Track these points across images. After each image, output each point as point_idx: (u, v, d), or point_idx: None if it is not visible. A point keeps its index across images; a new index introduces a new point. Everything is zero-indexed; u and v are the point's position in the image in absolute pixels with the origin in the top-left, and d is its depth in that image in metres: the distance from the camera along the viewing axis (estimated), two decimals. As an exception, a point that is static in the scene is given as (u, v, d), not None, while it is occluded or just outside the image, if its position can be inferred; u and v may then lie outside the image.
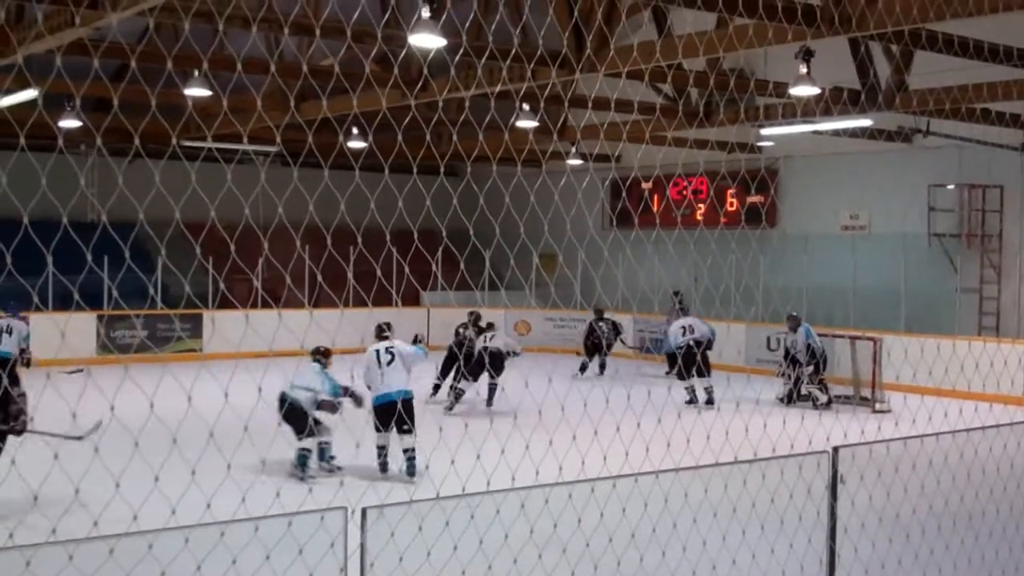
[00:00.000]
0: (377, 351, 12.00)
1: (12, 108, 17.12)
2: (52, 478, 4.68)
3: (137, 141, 5.66)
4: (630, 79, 15.67)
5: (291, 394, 11.43)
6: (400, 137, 6.00)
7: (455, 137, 8.84)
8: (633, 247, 19.28)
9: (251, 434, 4.78)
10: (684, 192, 26.83)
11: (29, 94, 16.76)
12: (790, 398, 18.03)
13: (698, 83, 17.93)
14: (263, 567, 4.28)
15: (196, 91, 16.33)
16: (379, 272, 6.18)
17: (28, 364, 17.77)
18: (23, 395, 10.40)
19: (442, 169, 5.88)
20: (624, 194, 26.77)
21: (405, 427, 11.20)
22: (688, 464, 6.05)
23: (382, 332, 12.69)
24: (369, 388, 11.91)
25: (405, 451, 11.15)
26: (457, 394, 16.61)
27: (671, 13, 16.10)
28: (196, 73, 16.02)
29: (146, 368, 15.61)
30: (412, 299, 25.11)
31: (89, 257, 4.59)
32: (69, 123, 18.72)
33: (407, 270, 10.30)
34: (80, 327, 21.13)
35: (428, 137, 7.24)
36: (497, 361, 16.57)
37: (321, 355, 12.26)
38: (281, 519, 4.18)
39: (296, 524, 4.25)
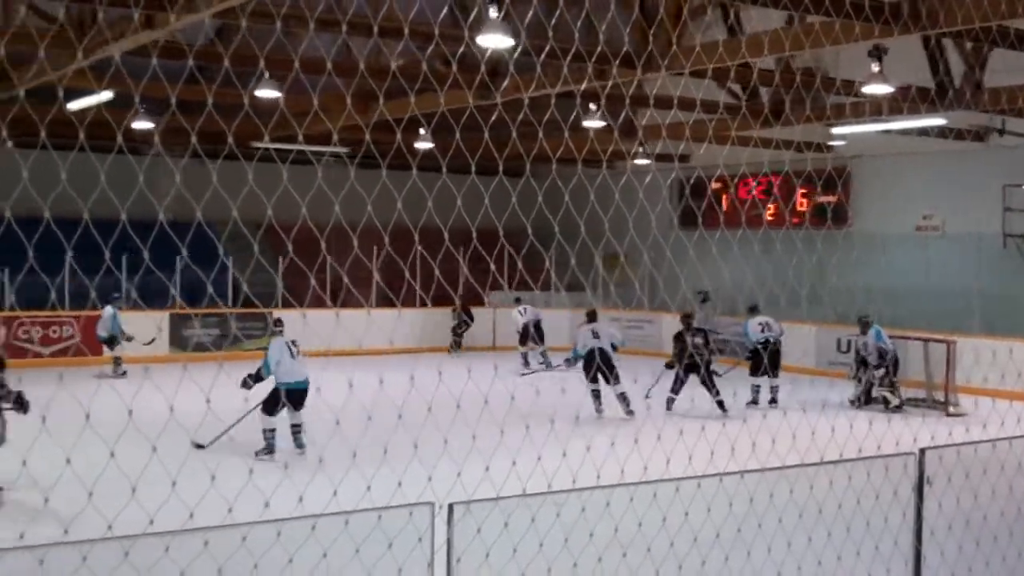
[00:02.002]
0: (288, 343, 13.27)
1: (99, 109, 17.34)
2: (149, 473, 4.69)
3: (194, 139, 5.68)
4: (698, 77, 15.55)
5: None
6: (458, 137, 5.97)
7: (514, 136, 8.78)
8: (698, 247, 19.12)
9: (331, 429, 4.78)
10: (753, 192, 26.57)
11: (105, 95, 16.99)
12: (861, 401, 17.78)
13: (767, 81, 17.75)
14: (352, 561, 4.27)
15: (263, 92, 16.43)
16: (437, 272, 6.16)
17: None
18: None
19: (501, 168, 5.86)
20: (690, 194, 26.54)
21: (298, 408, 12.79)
22: (773, 465, 5.98)
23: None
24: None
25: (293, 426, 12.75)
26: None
27: (739, 11, 15.96)
28: (266, 75, 16.10)
29: (209, 367, 15.74)
30: (475, 299, 25.13)
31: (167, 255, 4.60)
32: (142, 124, 18.96)
33: (467, 271, 10.32)
34: (147, 325, 21.38)
35: (486, 136, 7.21)
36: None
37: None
38: (370, 513, 4.17)
39: (384, 518, 4.23)
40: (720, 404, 16.15)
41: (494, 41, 12.95)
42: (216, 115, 5.73)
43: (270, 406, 12.50)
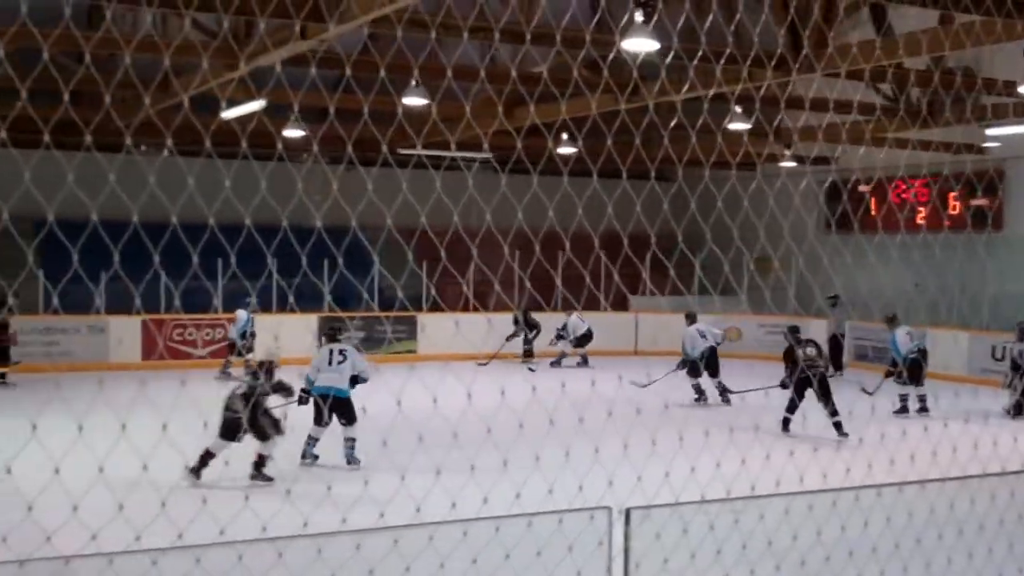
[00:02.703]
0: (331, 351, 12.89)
1: (240, 118, 17.89)
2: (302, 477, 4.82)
3: (350, 148, 5.82)
4: (848, 79, 15.26)
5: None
6: (610, 142, 5.97)
7: (666, 141, 8.75)
8: (852, 251, 18.73)
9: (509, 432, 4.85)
10: (904, 195, 25.89)
11: (257, 105, 17.44)
12: (1017, 410, 17.17)
13: (920, 82, 17.31)
14: (534, 562, 4.32)
15: (414, 100, 16.67)
16: (587, 277, 6.17)
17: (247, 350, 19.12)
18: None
19: (653, 173, 5.84)
20: (845, 197, 25.99)
21: (342, 420, 12.36)
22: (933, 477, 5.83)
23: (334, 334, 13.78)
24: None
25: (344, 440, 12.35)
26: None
27: (890, 10, 15.60)
28: (414, 83, 16.34)
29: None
30: (619, 304, 25.03)
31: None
32: (292, 132, 19.43)
33: (616, 275, 10.30)
34: (297, 328, 21.88)
35: (638, 141, 7.19)
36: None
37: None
38: (552, 516, 4.22)
39: (565, 522, 4.28)
40: (838, 427, 14.33)
41: (639, 45, 12.93)
42: (370, 123, 5.84)
43: (314, 414, 12.35)
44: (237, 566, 3.84)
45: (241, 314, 20.15)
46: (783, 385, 15.31)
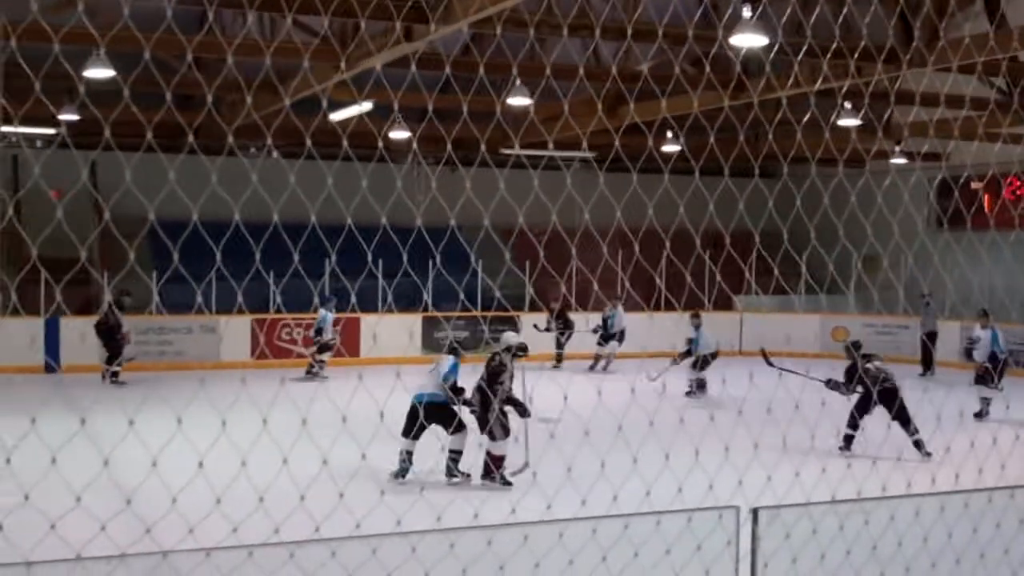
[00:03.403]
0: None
1: (360, 119, 18.11)
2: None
3: (450, 147, 5.83)
4: (960, 72, 14.90)
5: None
6: (712, 139, 5.90)
7: (771, 137, 8.61)
8: (964, 249, 18.23)
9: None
10: (1020, 191, 25.18)
11: (363, 107, 17.66)
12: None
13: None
14: (662, 560, 4.28)
15: (517, 100, 16.70)
16: (688, 276, 6.10)
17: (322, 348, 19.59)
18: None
19: (757, 171, 5.75)
20: (957, 194, 25.40)
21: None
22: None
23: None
24: None
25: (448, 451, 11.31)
26: None
27: (1005, 1, 15.21)
28: (517, 82, 16.36)
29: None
30: (723, 303, 24.73)
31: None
32: (399, 134, 19.60)
33: (719, 275, 10.16)
34: (401, 328, 22.04)
35: (742, 137, 7.10)
36: None
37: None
38: (680, 515, 4.18)
39: (694, 520, 4.24)
40: (918, 445, 12.75)
41: (748, 40, 12.80)
42: (470, 123, 5.85)
43: (404, 424, 11.37)
44: (330, 560, 3.89)
45: (322, 312, 19.99)
46: (830, 383, 13.30)
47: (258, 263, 4.62)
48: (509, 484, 10.99)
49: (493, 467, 11.19)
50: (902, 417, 12.82)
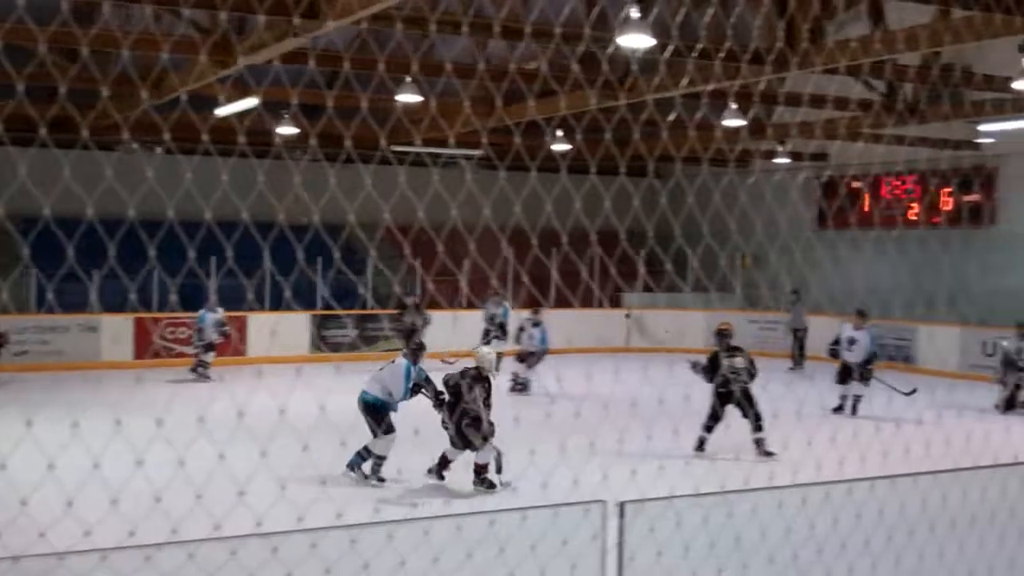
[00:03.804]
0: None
1: (237, 115, 17.88)
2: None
3: (348, 143, 5.82)
4: (844, 74, 15.30)
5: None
6: (580, 138, 6.01)
7: (636, 136, 8.71)
8: (840, 248, 18.76)
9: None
10: (895, 191, 25.92)
11: (249, 102, 17.43)
12: (1007, 405, 17.27)
13: (911, 78, 17.35)
14: (528, 557, 4.32)
15: (407, 96, 16.66)
16: (585, 273, 6.17)
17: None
18: None
19: (623, 170, 5.86)
20: (822, 193, 26.02)
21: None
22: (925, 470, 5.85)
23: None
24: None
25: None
26: None
27: (888, 6, 15.63)
28: (407, 79, 16.34)
29: (357, 366, 16.02)
30: (610, 300, 25.00)
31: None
32: (285, 129, 19.39)
33: (613, 270, 10.28)
34: (294, 326, 21.85)
35: (608, 137, 7.20)
36: None
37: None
38: (546, 510, 4.23)
39: (560, 516, 4.28)
40: (759, 443, 12.48)
41: (635, 41, 12.93)
42: (336, 119, 5.82)
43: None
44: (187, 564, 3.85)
45: (202, 313, 19.32)
46: (696, 366, 13.28)
47: (154, 259, 4.55)
48: (493, 487, 10.35)
49: (475, 473, 10.68)
50: (747, 407, 12.74)
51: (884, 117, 18.62)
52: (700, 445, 12.65)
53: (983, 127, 20.46)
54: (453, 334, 16.45)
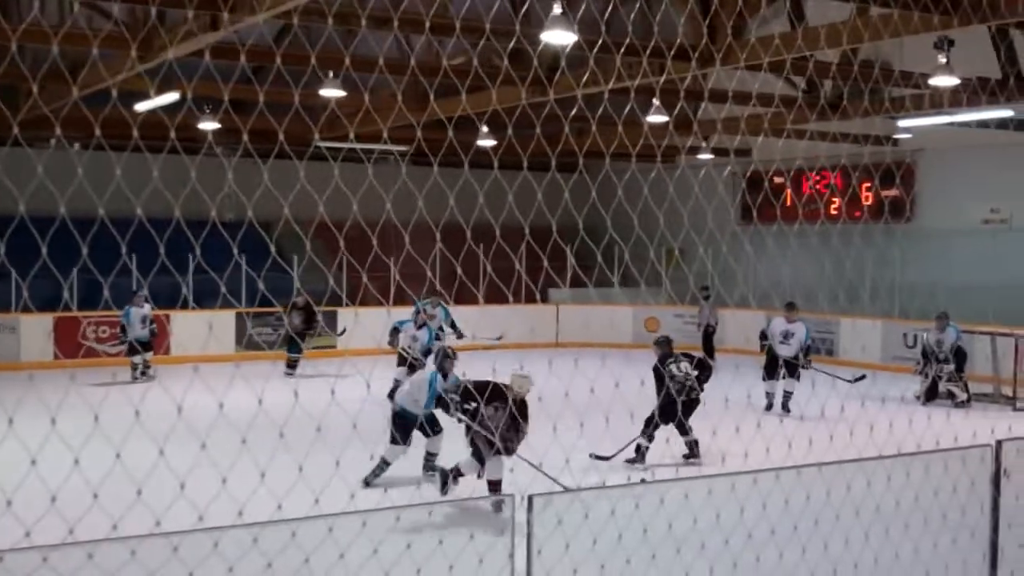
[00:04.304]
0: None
1: (155, 111, 17.60)
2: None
3: (282, 137, 5.77)
4: (759, 71, 15.48)
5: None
6: (510, 133, 6.05)
7: (567, 130, 8.74)
8: (765, 242, 18.96)
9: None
10: (816, 186, 26.31)
11: (171, 97, 17.20)
12: (928, 396, 17.62)
13: (831, 74, 17.60)
14: (435, 551, 4.33)
15: (331, 92, 16.56)
16: (519, 267, 6.20)
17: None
18: None
19: (554, 164, 5.89)
20: (746, 188, 26.32)
21: None
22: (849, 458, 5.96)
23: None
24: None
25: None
26: None
27: (807, 3, 15.86)
28: (331, 74, 16.24)
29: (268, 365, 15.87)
30: (535, 295, 25.01)
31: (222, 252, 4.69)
32: (208, 125, 19.16)
33: (546, 265, 10.24)
34: (221, 324, 21.61)
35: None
36: None
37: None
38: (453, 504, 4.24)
39: (467, 510, 4.30)
40: (692, 446, 11.60)
41: (559, 37, 12.94)
42: (268, 114, 5.78)
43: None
44: (130, 562, 3.81)
45: (126, 309, 19.00)
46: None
47: (85, 257, 4.49)
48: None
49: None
50: (686, 417, 11.81)
51: (806, 113, 18.86)
52: (640, 456, 11.15)
53: (902, 123, 20.81)
54: (384, 333, 16.47)
